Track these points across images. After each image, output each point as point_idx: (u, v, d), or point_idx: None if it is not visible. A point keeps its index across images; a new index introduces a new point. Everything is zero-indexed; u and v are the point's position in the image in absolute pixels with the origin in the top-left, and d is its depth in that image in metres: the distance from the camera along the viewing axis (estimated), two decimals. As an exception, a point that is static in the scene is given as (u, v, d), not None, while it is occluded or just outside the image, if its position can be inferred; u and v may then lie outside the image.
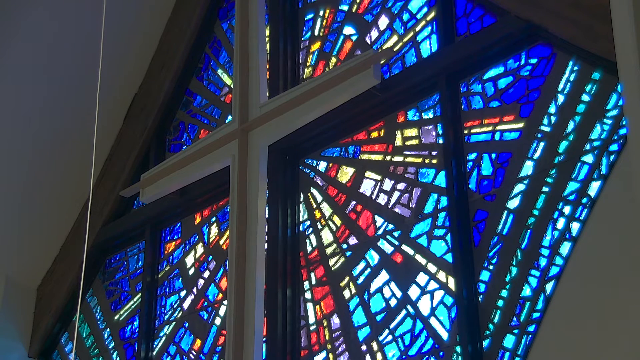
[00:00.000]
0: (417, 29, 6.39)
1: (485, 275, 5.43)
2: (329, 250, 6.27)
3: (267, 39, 7.00)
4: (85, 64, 7.13)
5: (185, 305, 7.03)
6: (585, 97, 5.41)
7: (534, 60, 5.70)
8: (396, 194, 6.05)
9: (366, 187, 6.24)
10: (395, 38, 6.48)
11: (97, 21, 5.28)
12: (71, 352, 5.41)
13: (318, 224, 6.43)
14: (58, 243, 7.88)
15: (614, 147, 5.14)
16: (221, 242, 6.96)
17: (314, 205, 6.51)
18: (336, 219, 6.33)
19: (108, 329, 7.46)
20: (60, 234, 7.91)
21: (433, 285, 5.66)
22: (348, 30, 6.80)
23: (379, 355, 5.75)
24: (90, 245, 7.45)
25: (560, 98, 5.49)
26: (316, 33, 7.03)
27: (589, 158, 5.22)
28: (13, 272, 7.69)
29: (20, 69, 7.59)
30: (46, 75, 7.65)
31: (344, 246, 6.20)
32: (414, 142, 6.11)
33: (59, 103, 7.72)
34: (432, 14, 6.32)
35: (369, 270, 6.01)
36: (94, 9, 5.99)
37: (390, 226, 6.02)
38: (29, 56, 7.56)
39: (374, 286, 5.94)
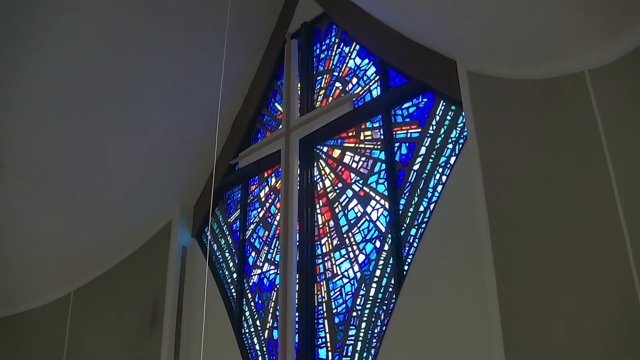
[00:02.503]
0: (370, 83, 6.16)
1: (402, 201, 5.41)
2: (328, 189, 6.13)
3: (299, 87, 6.79)
4: (207, 111, 6.49)
5: (260, 215, 6.78)
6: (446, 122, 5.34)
7: (425, 100, 5.57)
8: (361, 162, 5.92)
9: (346, 159, 6.09)
10: (359, 87, 6.25)
11: (216, 87, 5.20)
12: (210, 234, 5.21)
13: (323, 177, 6.24)
14: (203, 182, 7.18)
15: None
16: (277, 185, 6.78)
17: (321, 167, 6.30)
18: (331, 174, 6.17)
19: (225, 226, 7.08)
20: (203, 177, 7.15)
21: (378, 206, 5.58)
22: (337, 84, 6.52)
23: (352, 239, 5.75)
24: (216, 185, 7.10)
25: (437, 119, 5.40)
26: (322, 85, 6.69)
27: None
28: (182, 198, 7.10)
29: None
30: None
31: (336, 188, 6.08)
32: (370, 137, 5.95)
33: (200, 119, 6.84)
34: (377, 77, 6.05)
35: (347, 199, 5.92)
36: (214, 80, 5.71)
37: (358, 178, 5.91)
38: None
39: (349, 206, 5.84)
